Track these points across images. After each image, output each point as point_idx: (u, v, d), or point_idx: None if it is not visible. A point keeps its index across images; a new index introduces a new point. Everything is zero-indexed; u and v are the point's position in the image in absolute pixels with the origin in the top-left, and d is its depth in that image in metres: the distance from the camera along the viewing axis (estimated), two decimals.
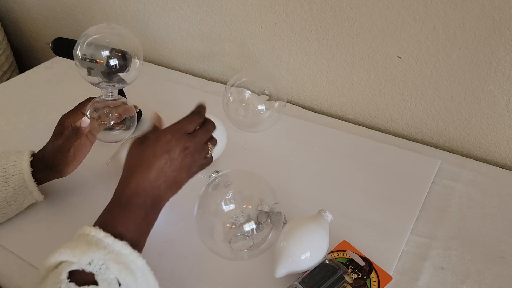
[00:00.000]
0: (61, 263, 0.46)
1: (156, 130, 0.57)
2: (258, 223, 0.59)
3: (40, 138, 0.70)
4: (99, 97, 0.69)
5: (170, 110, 0.93)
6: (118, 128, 0.71)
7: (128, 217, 0.51)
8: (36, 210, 0.71)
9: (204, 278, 0.61)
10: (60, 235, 0.56)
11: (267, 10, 0.90)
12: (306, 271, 0.58)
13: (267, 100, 0.82)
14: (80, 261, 0.45)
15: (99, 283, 0.45)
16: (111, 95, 0.68)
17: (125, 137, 0.73)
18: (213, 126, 0.61)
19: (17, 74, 1.21)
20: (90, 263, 0.45)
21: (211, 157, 0.61)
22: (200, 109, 0.60)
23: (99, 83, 0.67)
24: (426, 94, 0.82)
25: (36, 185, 0.67)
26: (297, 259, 0.57)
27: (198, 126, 0.59)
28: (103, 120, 0.68)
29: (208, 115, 0.76)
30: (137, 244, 0.51)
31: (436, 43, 0.75)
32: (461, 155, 0.82)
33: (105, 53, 0.65)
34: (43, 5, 1.30)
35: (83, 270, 0.45)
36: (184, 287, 0.60)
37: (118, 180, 0.55)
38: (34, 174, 0.66)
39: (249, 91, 0.82)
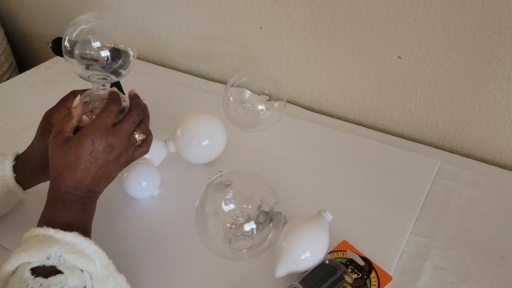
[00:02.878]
0: (17, 268, 0.47)
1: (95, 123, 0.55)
2: (258, 223, 0.59)
3: None
4: (88, 90, 0.62)
5: (170, 110, 0.94)
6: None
7: (69, 212, 0.53)
8: (37, 210, 0.71)
9: (204, 278, 0.61)
10: None
11: (267, 10, 0.90)
12: (306, 271, 0.58)
13: (267, 100, 0.82)
14: (39, 258, 0.46)
15: (63, 271, 0.47)
16: (103, 89, 0.62)
17: None
18: (138, 114, 0.58)
19: (17, 74, 1.20)
20: (48, 258, 0.47)
21: (146, 145, 0.61)
22: (113, 96, 0.57)
23: (89, 76, 0.61)
24: (426, 94, 0.82)
25: (22, 189, 0.64)
26: (297, 259, 0.57)
27: (121, 114, 0.58)
28: (94, 114, 0.61)
29: (208, 115, 0.77)
30: (86, 233, 0.52)
31: (436, 43, 0.75)
32: (461, 155, 0.82)
33: (105, 53, 0.61)
34: (43, 5, 1.30)
35: (43, 266, 0.47)
36: (184, 287, 0.60)
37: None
38: (18, 179, 0.63)
39: (249, 91, 0.82)
